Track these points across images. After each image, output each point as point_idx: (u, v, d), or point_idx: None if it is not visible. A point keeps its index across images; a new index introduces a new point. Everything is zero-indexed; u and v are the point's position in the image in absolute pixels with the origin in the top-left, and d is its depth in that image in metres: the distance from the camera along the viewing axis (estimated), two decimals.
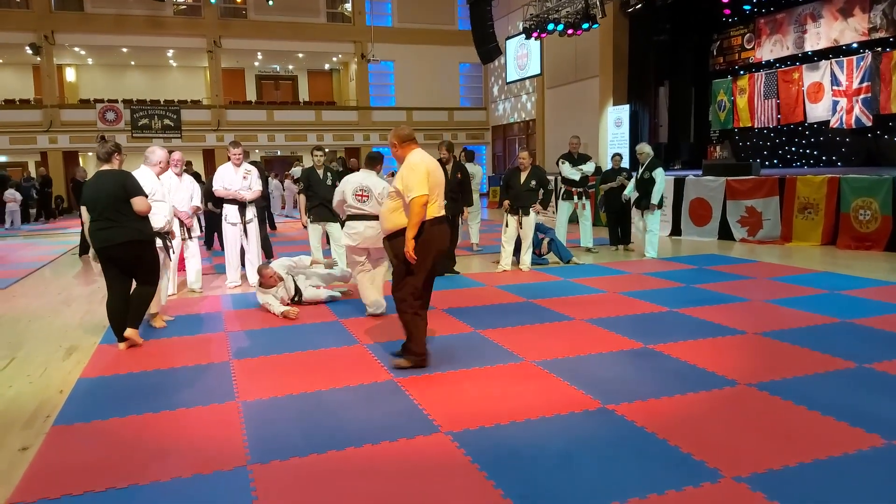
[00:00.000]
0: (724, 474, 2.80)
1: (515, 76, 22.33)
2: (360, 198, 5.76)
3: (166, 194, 5.92)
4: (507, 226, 8.22)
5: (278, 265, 6.44)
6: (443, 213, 4.40)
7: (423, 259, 4.24)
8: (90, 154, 24.65)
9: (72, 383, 4.30)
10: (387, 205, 4.47)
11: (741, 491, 2.67)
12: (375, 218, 5.47)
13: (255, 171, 7.63)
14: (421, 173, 4.20)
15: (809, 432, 3.22)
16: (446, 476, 2.88)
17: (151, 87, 26.46)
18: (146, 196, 5.04)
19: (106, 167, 5.02)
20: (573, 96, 20.18)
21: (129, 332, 5.04)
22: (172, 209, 6.08)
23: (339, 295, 6.73)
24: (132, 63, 26.73)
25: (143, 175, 5.60)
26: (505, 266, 8.24)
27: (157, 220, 5.47)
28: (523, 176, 8.08)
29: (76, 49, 24.57)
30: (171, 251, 6.10)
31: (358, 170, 6.47)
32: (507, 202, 8.19)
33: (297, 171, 20.24)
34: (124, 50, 24.85)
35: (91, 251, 5.15)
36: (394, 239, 4.40)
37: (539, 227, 8.83)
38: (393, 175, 15.42)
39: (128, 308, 5.04)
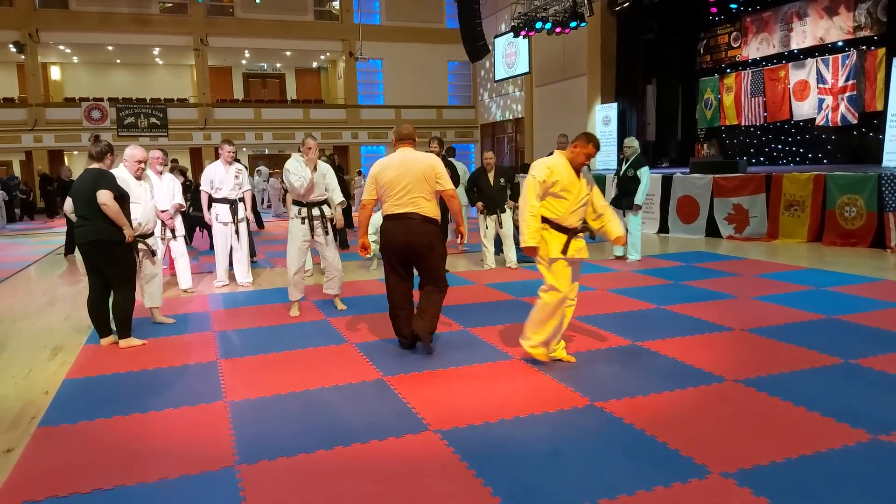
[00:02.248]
0: (711, 470, 2.81)
1: (504, 74, 22.32)
2: None
3: (143, 195, 5.57)
4: (486, 227, 8.29)
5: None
6: (396, 210, 4.51)
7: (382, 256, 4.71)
8: (76, 153, 24.46)
9: (57, 384, 4.26)
10: None
11: (729, 487, 2.69)
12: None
13: (245, 170, 7.69)
14: (368, 180, 4.68)
15: (796, 428, 3.24)
16: (435, 474, 2.87)
17: (137, 86, 26.24)
18: (119, 194, 4.86)
19: (94, 165, 4.95)
20: (561, 94, 20.20)
21: (122, 343, 5.03)
22: (153, 210, 5.75)
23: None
24: (118, 61, 26.52)
25: (119, 175, 5.35)
26: (490, 264, 8.27)
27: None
28: (491, 176, 8.14)
29: (61, 47, 24.33)
30: (154, 253, 5.74)
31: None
32: (480, 204, 8.21)
33: (264, 170, 20.47)
34: (110, 48, 24.63)
35: None
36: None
37: None
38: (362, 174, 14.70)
39: (106, 304, 5.07)
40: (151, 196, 5.76)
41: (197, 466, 2.99)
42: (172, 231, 6.96)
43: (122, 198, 4.93)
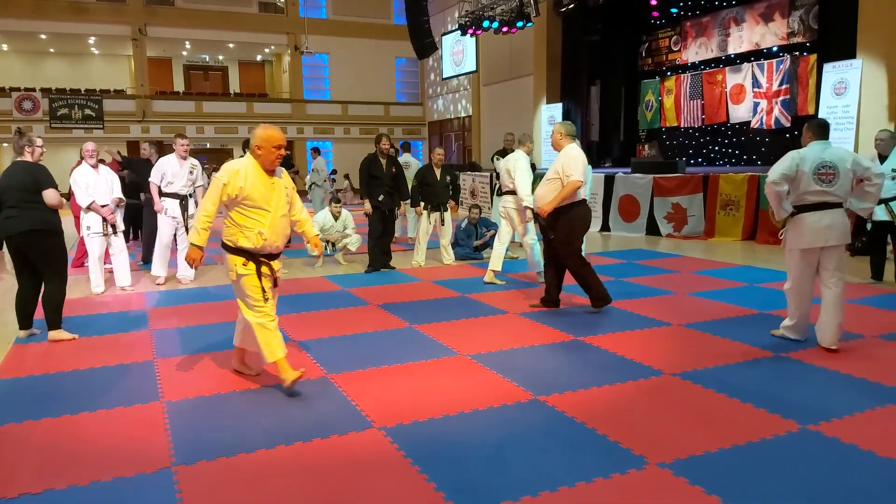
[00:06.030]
0: (648, 461, 2.88)
1: (451, 72, 22.35)
2: (823, 177, 4.36)
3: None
4: (430, 223, 8.28)
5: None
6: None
7: (581, 230, 5.63)
8: (5, 145, 23.39)
9: None
10: (547, 187, 5.44)
11: (665, 477, 2.76)
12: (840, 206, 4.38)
13: (199, 165, 7.53)
14: (581, 164, 5.35)
15: (730, 419, 3.35)
16: (379, 472, 2.86)
17: (72, 76, 25.21)
18: (57, 187, 4.92)
19: (21, 159, 4.95)
20: (508, 94, 20.36)
21: (52, 334, 4.92)
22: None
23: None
24: (51, 50, 25.44)
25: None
26: (419, 262, 8.23)
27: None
28: (438, 173, 8.17)
29: None
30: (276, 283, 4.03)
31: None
32: (420, 206, 8.18)
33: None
34: (43, 36, 23.62)
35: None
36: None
37: (485, 223, 8.98)
38: (335, 172, 14.97)
39: (36, 299, 4.98)
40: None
41: (131, 468, 2.90)
42: (113, 226, 6.75)
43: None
